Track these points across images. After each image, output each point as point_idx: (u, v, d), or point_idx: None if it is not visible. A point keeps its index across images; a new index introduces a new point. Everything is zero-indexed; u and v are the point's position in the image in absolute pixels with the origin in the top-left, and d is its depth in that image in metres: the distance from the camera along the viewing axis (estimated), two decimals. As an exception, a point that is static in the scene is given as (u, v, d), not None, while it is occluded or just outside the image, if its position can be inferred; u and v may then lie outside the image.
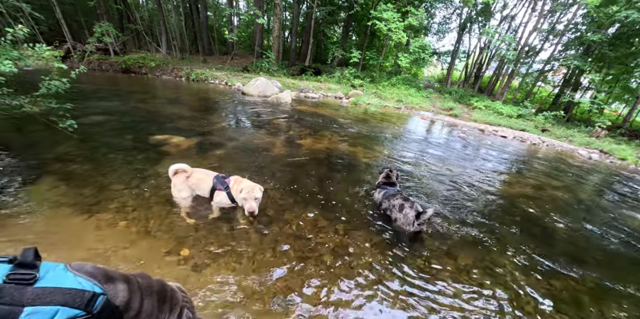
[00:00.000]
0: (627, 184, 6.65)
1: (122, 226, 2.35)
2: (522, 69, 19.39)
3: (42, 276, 0.85)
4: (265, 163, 4.16)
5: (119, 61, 13.46)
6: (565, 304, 2.21)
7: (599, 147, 10.82)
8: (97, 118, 5.20)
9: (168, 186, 3.05)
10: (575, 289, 2.41)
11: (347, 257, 2.36)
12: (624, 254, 3.17)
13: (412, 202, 2.79)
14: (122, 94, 8.06)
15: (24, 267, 0.83)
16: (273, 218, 2.78)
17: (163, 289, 1.12)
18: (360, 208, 3.20)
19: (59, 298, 0.82)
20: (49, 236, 2.13)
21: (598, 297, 2.36)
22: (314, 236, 2.59)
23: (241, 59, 19.01)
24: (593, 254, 3.06)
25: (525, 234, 3.24)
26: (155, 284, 1.11)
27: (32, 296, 0.78)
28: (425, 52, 17.80)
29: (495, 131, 11.53)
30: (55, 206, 2.47)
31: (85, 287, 0.89)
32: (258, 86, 11.18)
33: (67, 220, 2.33)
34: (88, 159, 3.47)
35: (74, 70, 3.80)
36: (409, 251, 2.56)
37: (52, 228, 2.21)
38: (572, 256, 2.94)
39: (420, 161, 5.53)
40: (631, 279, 2.71)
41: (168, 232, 2.36)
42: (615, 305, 2.29)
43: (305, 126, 6.98)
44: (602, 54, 14.98)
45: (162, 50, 15.98)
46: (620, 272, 2.82)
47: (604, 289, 2.48)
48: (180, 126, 5.45)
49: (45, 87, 3.61)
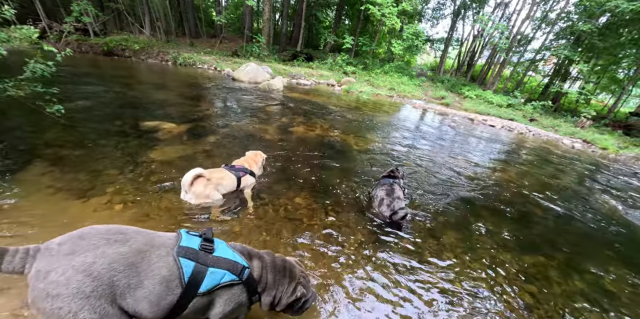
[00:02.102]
0: (604, 172, 7.03)
1: (119, 209, 2.40)
2: (513, 58, 19.52)
3: (216, 248, 1.21)
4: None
5: (99, 43, 12.83)
6: (534, 278, 2.44)
7: (583, 137, 11.25)
8: (84, 103, 5.07)
9: (163, 171, 3.10)
10: (544, 265, 2.65)
11: (337, 237, 2.50)
12: (593, 236, 3.45)
13: (393, 199, 2.81)
14: (107, 78, 7.79)
15: (207, 241, 1.20)
16: (267, 201, 2.88)
17: (283, 265, 1.39)
18: (350, 193, 3.33)
19: (226, 265, 1.17)
20: (48, 219, 2.17)
21: (564, 272, 2.60)
22: (306, 218, 2.71)
23: (230, 43, 18.38)
24: (564, 235, 3.32)
25: (505, 217, 3.46)
26: (278, 261, 1.40)
27: (212, 260, 1.15)
28: (418, 39, 17.64)
29: (484, 120, 11.78)
30: (50, 191, 2.49)
31: (238, 261, 1.23)
32: (249, 71, 10.95)
33: (64, 204, 2.37)
34: (78, 144, 3.44)
35: (59, 53, 3.67)
36: (396, 232, 2.72)
37: (49, 212, 2.25)
38: (545, 236, 3.18)
39: (411, 149, 5.68)
40: (596, 257, 2.98)
41: (166, 214, 2.43)
42: (577, 279, 2.54)
43: (298, 114, 6.98)
44: (592, 44, 15.21)
45: (145, 32, 15.27)
46: (587, 251, 3.09)
47: (570, 266, 2.73)
48: (170, 112, 5.38)
49: (30, 71, 3.49)
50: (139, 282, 0.99)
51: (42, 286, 0.88)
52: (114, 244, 0.99)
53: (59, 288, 0.88)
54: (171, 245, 1.12)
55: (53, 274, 0.89)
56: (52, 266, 0.90)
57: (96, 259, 0.94)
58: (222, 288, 1.16)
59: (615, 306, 2.27)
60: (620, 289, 2.51)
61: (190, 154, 3.69)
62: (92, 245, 0.96)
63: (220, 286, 1.15)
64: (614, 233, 3.63)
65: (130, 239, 1.04)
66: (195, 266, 1.10)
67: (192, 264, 1.10)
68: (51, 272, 0.89)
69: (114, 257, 0.97)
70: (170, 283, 1.04)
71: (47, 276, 0.88)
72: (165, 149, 3.69)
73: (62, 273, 0.89)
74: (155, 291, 1.02)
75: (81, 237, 0.98)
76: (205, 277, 1.10)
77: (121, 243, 1.01)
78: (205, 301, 1.14)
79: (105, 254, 0.96)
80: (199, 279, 1.09)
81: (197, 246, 1.16)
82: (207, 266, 1.12)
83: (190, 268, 1.09)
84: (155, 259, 1.04)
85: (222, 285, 1.15)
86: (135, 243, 1.04)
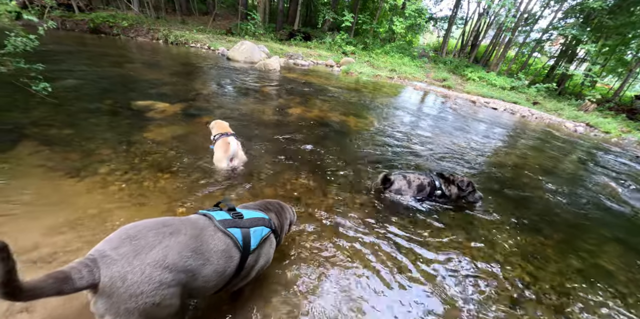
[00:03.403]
0: (606, 156, 7.00)
1: (114, 188, 2.34)
2: (519, 38, 18.80)
3: (242, 213, 1.38)
4: (255, 131, 4.09)
5: (85, 19, 12.13)
6: (532, 256, 2.45)
7: (586, 120, 11.09)
8: (72, 82, 4.84)
9: (158, 151, 3.01)
10: (542, 244, 2.66)
11: (335, 215, 2.48)
12: (592, 218, 3.45)
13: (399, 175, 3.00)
14: (95, 56, 7.43)
15: (233, 210, 1.38)
16: (266, 181, 2.82)
17: (279, 205, 1.73)
18: (349, 173, 3.27)
19: (260, 222, 1.40)
20: (42, 198, 2.10)
21: (562, 251, 2.61)
22: (304, 197, 2.67)
23: (224, 21, 17.51)
24: (563, 216, 3.32)
25: (505, 198, 3.45)
26: (275, 204, 1.71)
27: (248, 222, 1.35)
28: (421, 17, 16.87)
29: (486, 102, 11.56)
30: (40, 170, 2.41)
31: (263, 216, 1.46)
32: (244, 50, 10.50)
33: (57, 183, 2.29)
34: (68, 124, 3.31)
35: (41, 26, 3.42)
36: (394, 210, 2.70)
37: (43, 191, 2.18)
38: (544, 217, 3.18)
39: (411, 131, 5.57)
40: (594, 238, 3.00)
41: (163, 193, 2.37)
42: (574, 258, 2.56)
43: (295, 95, 6.76)
44: (601, 23, 14.59)
45: (134, 8, 14.43)
46: (585, 232, 3.10)
47: (568, 245, 2.74)
48: (163, 92, 5.17)
49: (11, 45, 3.27)
50: (206, 260, 1.13)
51: (122, 290, 0.91)
52: (172, 236, 1.06)
53: (142, 286, 0.93)
54: (210, 224, 1.25)
55: (131, 276, 0.92)
56: (126, 269, 0.92)
57: (166, 253, 1.01)
58: (264, 241, 1.40)
59: (611, 284, 2.30)
60: (618, 267, 2.53)
61: (185, 133, 3.57)
62: (153, 242, 1.01)
63: (263, 238, 1.38)
64: (612, 215, 3.64)
65: (180, 228, 1.12)
66: (242, 231, 1.29)
67: (238, 230, 1.28)
68: (128, 274, 0.92)
69: (179, 247, 1.05)
70: (230, 251, 1.22)
71: (126, 279, 0.92)
72: (159, 129, 3.57)
73: (142, 273, 0.94)
74: (220, 264, 1.18)
75: (135, 237, 1.00)
76: (251, 236, 1.31)
77: (176, 233, 1.08)
78: (255, 257, 1.36)
79: (170, 246, 1.03)
80: (248, 240, 1.29)
81: (230, 217, 1.32)
82: (248, 227, 1.33)
83: (239, 234, 1.27)
84: (209, 239, 1.17)
85: (264, 238, 1.39)
86: (186, 230, 1.13)
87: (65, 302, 1.42)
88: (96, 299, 0.91)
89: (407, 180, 2.95)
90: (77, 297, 1.32)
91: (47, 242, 1.74)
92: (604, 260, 2.61)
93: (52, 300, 1.37)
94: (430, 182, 2.97)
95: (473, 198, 3.02)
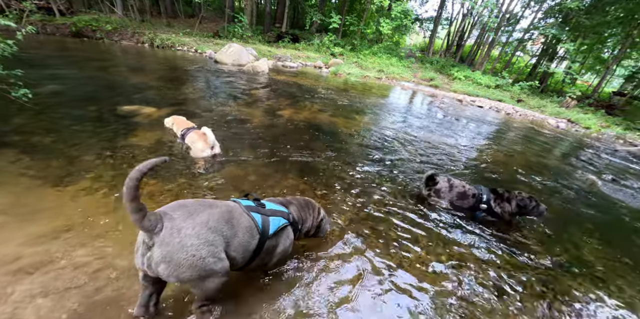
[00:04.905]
0: (586, 150, 7.26)
1: (100, 195, 2.29)
2: (502, 37, 19.31)
3: (265, 204, 1.60)
4: (244, 133, 4.08)
5: (67, 23, 11.80)
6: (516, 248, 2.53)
7: (568, 116, 11.47)
8: (54, 87, 4.72)
9: (144, 157, 2.97)
10: (526, 237, 2.75)
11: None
12: (573, 210, 3.58)
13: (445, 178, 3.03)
14: (78, 61, 7.26)
15: (257, 201, 1.60)
16: (255, 184, 2.82)
17: (306, 202, 1.90)
18: (339, 174, 3.30)
19: (279, 214, 1.59)
20: (23, 207, 2.05)
21: (542, 241, 2.71)
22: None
23: (210, 23, 17.36)
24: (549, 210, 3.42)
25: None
26: (301, 201, 1.89)
27: (270, 212, 1.55)
28: (407, 18, 17.12)
29: (472, 101, 11.81)
30: (22, 179, 2.35)
31: (283, 209, 1.66)
32: (232, 53, 10.45)
33: (39, 191, 2.24)
34: (51, 130, 3.23)
35: (19, 31, 3.33)
36: (384, 209, 2.74)
37: (24, 199, 2.12)
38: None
39: (400, 130, 5.65)
40: (575, 229, 3.11)
41: (150, 199, 2.34)
42: (557, 248, 2.65)
43: (284, 97, 6.77)
44: (579, 23, 15.14)
45: (117, 12, 14.16)
46: (567, 223, 3.21)
47: (550, 237, 2.84)
48: (149, 96, 5.10)
49: (-14, 50, 3.17)
50: (235, 232, 1.34)
51: (177, 240, 1.14)
52: (211, 208, 1.31)
53: (192, 240, 1.16)
54: (239, 206, 1.46)
55: (184, 230, 1.16)
56: (182, 225, 1.17)
57: (209, 217, 1.26)
58: (281, 230, 1.58)
59: (590, 272, 2.40)
60: (597, 257, 2.64)
61: (172, 138, 3.53)
62: (200, 209, 1.26)
63: (280, 228, 1.56)
64: (593, 206, 3.79)
65: (218, 204, 1.37)
66: (262, 217, 1.49)
67: (259, 216, 1.48)
68: (182, 229, 1.16)
69: (218, 215, 1.29)
70: (252, 230, 1.42)
71: (180, 232, 1.15)
72: (146, 135, 3.52)
73: (192, 228, 1.18)
74: (245, 238, 1.38)
75: (185, 205, 1.25)
76: (270, 223, 1.50)
77: (214, 206, 1.33)
78: (273, 242, 1.54)
79: (212, 213, 1.28)
80: (266, 225, 1.48)
81: (254, 205, 1.53)
82: (268, 216, 1.52)
83: (259, 219, 1.47)
84: (238, 216, 1.39)
85: (281, 227, 1.57)
86: (221, 206, 1.36)
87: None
88: (154, 248, 1.13)
89: (450, 184, 2.91)
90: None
91: (29, 252, 1.70)
92: (585, 251, 2.71)
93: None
94: (476, 194, 2.84)
95: (538, 212, 2.76)
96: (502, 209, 2.78)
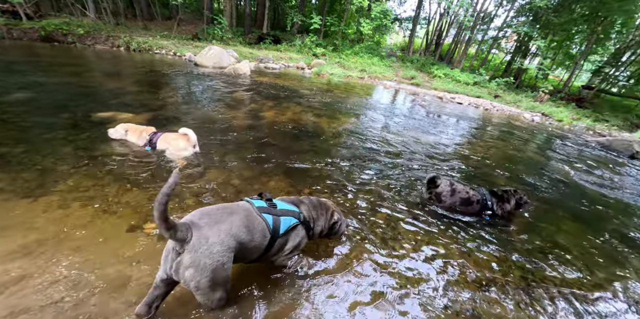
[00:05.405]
0: (560, 142, 7.63)
1: (75, 206, 2.20)
2: (478, 36, 19.98)
3: (277, 204, 1.67)
4: (227, 137, 4.03)
5: (35, 27, 11.22)
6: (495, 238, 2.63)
7: (542, 110, 12.02)
8: (21, 95, 4.48)
9: (122, 164, 2.87)
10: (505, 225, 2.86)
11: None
12: (549, 199, 3.76)
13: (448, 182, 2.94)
14: (48, 66, 6.92)
15: (270, 201, 1.66)
16: (239, 189, 2.79)
17: (319, 202, 1.93)
18: (325, 174, 3.32)
19: (290, 214, 1.67)
20: (-13, 224, 1.94)
21: (521, 231, 2.84)
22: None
23: (189, 26, 16.98)
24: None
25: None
26: (314, 201, 1.93)
27: (281, 212, 1.63)
28: (387, 18, 17.44)
29: (452, 98, 12.16)
30: (-13, 194, 2.22)
31: (295, 209, 1.73)
32: (212, 56, 10.27)
33: (8, 205, 2.12)
34: (20, 140, 3.06)
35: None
36: (370, 208, 2.78)
37: (-11, 216, 2.00)
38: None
39: (383, 128, 5.74)
40: (551, 217, 3.27)
41: (128, 208, 2.26)
42: (534, 235, 2.78)
43: (267, 98, 6.73)
44: (548, 21, 15.90)
45: (89, 15, 13.60)
46: (543, 212, 3.37)
47: (527, 225, 2.98)
48: (126, 102, 4.94)
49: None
50: (252, 237, 1.46)
51: (205, 247, 1.26)
52: (232, 215, 1.42)
53: (217, 247, 1.29)
54: (252, 208, 1.55)
55: (211, 238, 1.28)
56: (208, 233, 1.29)
57: (232, 226, 1.38)
58: (291, 229, 1.67)
59: (565, 258, 2.53)
60: (572, 243, 2.78)
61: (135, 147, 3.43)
62: (222, 217, 1.38)
63: (290, 227, 1.65)
64: (566, 195, 3.99)
65: (237, 210, 1.47)
66: (273, 218, 1.57)
67: (271, 217, 1.57)
68: (209, 237, 1.28)
69: (238, 223, 1.41)
70: (264, 232, 1.52)
71: (208, 240, 1.27)
72: (123, 141, 3.40)
73: (218, 236, 1.30)
74: (259, 240, 1.50)
75: (209, 214, 1.38)
76: (281, 223, 1.59)
77: (235, 214, 1.44)
78: (283, 241, 1.65)
79: (233, 222, 1.39)
80: (277, 225, 1.57)
81: (266, 205, 1.60)
82: (279, 216, 1.60)
83: (271, 219, 1.56)
84: (254, 220, 1.49)
85: (291, 227, 1.65)
86: (240, 212, 1.47)
87: None
88: (184, 254, 1.25)
89: (452, 188, 2.84)
90: None
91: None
92: (560, 237, 2.86)
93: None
94: (481, 200, 2.85)
95: (527, 206, 3.01)
96: (503, 210, 2.91)
